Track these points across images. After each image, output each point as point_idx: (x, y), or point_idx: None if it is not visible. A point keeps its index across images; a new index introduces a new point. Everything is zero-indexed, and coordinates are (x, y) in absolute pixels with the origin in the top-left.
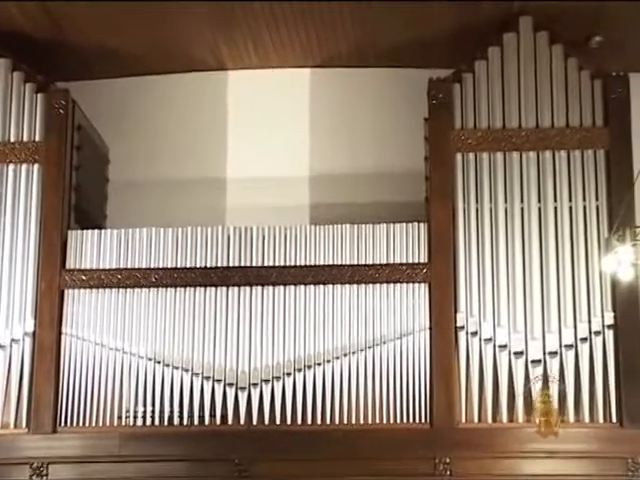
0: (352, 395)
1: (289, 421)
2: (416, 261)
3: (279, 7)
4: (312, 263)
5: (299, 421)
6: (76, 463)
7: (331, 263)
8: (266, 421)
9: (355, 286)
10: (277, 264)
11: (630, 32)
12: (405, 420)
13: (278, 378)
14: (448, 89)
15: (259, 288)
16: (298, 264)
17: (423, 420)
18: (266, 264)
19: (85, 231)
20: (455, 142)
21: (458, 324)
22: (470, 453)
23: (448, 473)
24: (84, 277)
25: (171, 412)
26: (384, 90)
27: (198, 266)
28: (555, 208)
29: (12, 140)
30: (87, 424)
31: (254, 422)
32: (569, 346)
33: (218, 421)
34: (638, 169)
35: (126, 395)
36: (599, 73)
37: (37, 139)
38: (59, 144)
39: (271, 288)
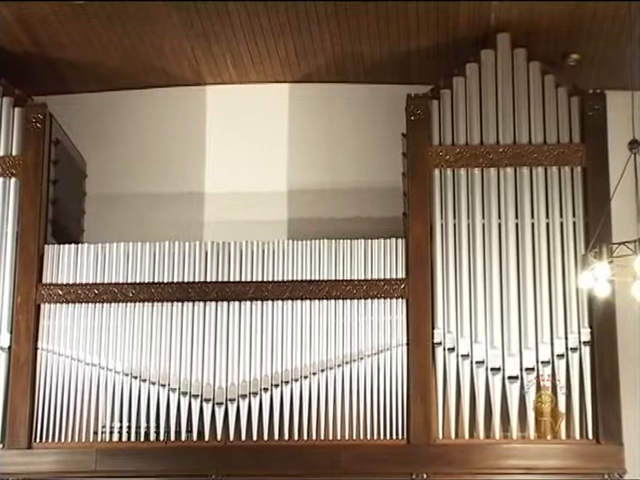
0: (329, 411)
1: (266, 437)
2: (394, 277)
3: (258, 22)
4: (290, 278)
5: (276, 437)
6: (52, 479)
7: (309, 278)
8: (243, 437)
9: (333, 302)
10: (255, 279)
11: (606, 50)
12: (382, 436)
13: (255, 394)
14: (426, 105)
15: (236, 303)
16: (276, 279)
17: (400, 436)
18: (244, 279)
19: (62, 245)
20: (433, 158)
21: (435, 340)
22: (447, 469)
23: None
24: (61, 292)
25: (147, 428)
26: (363, 106)
27: (175, 281)
28: (532, 224)
29: None
30: (63, 439)
31: (231, 438)
32: (546, 362)
33: (195, 437)
34: (615, 186)
35: (102, 410)
36: (576, 90)
37: (14, 153)
38: (36, 158)
39: (249, 303)
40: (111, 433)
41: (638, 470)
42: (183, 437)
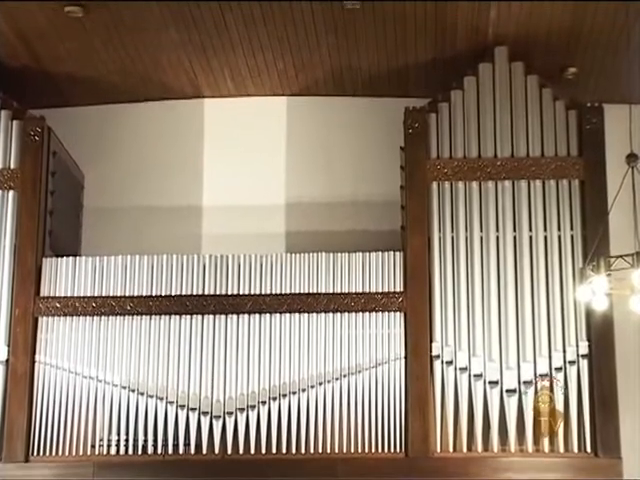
0: (327, 424)
1: (264, 450)
2: (392, 290)
3: (256, 36)
4: (288, 291)
5: (274, 450)
6: None
7: (307, 291)
8: (241, 450)
9: (331, 315)
10: (253, 292)
11: (604, 63)
12: (380, 449)
13: (253, 407)
14: (424, 118)
15: (234, 316)
16: (274, 292)
17: (398, 449)
18: (242, 292)
19: (60, 258)
20: (431, 171)
21: (433, 353)
22: None
23: None
24: (58, 304)
25: (145, 441)
26: (361, 119)
27: (173, 294)
28: (530, 237)
29: None
30: (60, 453)
31: (229, 451)
32: (544, 375)
33: (192, 450)
34: (612, 199)
35: (100, 424)
36: (574, 104)
37: (12, 166)
38: (34, 171)
39: (246, 316)
40: (109, 446)
41: None
42: (181, 450)
